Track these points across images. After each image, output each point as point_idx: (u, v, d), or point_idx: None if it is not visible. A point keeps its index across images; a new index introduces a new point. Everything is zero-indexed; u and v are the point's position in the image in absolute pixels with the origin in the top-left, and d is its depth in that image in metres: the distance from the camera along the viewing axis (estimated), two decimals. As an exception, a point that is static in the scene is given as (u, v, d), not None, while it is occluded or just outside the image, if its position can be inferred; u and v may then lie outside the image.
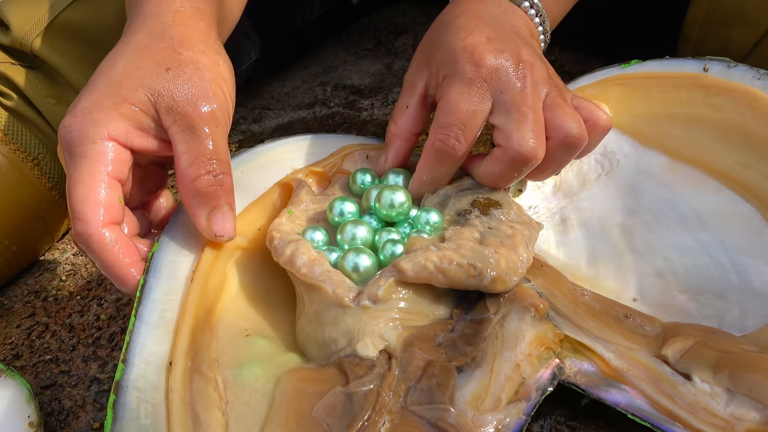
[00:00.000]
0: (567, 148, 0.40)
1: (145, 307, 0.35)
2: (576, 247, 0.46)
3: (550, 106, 0.40)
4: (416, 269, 0.35)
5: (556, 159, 0.41)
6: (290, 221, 0.41)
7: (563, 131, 0.39)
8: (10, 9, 0.55)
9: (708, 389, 0.32)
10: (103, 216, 0.35)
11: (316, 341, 0.36)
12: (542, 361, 0.34)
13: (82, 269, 0.58)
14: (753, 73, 0.44)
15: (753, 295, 0.40)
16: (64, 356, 0.49)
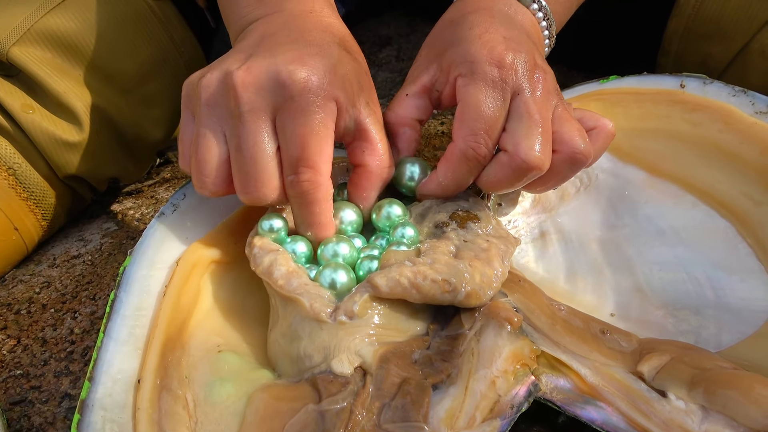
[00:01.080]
0: (573, 164, 0.39)
1: (115, 323, 0.34)
2: (555, 262, 0.46)
3: (558, 118, 0.39)
4: (390, 285, 0.34)
5: (560, 173, 0.40)
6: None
7: (572, 147, 0.39)
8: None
9: (683, 406, 0.32)
10: (329, 170, 0.38)
11: (290, 356, 0.36)
12: (518, 378, 0.34)
13: (56, 281, 0.57)
14: (728, 90, 0.44)
15: (728, 311, 0.40)
16: (36, 371, 0.48)
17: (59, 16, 0.55)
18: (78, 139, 0.56)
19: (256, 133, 0.37)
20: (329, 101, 0.37)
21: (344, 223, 0.41)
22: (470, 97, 0.39)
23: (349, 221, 0.41)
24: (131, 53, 0.58)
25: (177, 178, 0.72)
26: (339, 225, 0.41)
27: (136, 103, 0.60)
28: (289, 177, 0.37)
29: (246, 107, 0.37)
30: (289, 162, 0.37)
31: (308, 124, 0.37)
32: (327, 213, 0.39)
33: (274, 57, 0.38)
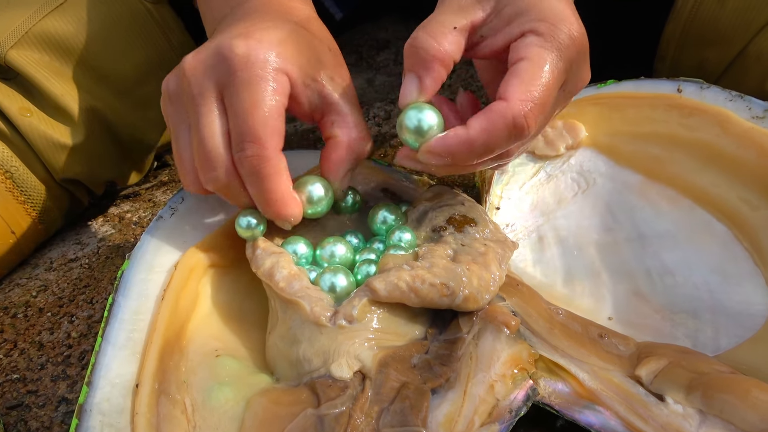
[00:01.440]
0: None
1: (113, 327, 0.34)
2: (552, 266, 0.46)
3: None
4: (389, 288, 0.34)
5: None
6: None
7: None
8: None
9: (681, 410, 0.32)
10: (278, 139, 0.36)
11: (289, 359, 0.36)
12: (516, 382, 0.34)
13: (53, 285, 0.57)
14: (725, 94, 0.44)
15: (725, 315, 0.40)
16: (32, 375, 0.48)
17: (57, 19, 0.55)
18: (75, 142, 0.56)
19: (206, 114, 0.36)
20: (278, 74, 0.36)
21: (313, 200, 0.39)
22: (542, 61, 0.34)
23: (317, 197, 0.39)
24: (129, 56, 0.58)
25: (175, 181, 0.72)
26: (306, 202, 0.39)
27: (133, 105, 0.60)
28: (236, 154, 0.36)
29: (195, 90, 0.37)
30: (235, 139, 0.36)
31: (251, 98, 0.35)
32: (280, 188, 0.36)
33: (221, 36, 0.37)
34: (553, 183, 0.49)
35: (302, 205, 0.38)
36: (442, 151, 0.35)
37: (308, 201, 0.39)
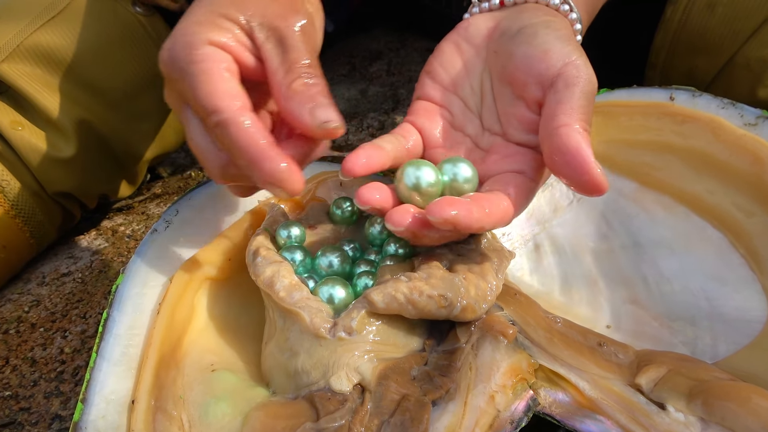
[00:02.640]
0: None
1: (107, 342, 0.34)
2: (549, 274, 0.46)
3: None
4: (386, 300, 0.34)
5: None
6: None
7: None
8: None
9: (682, 419, 0.32)
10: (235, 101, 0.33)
11: (286, 370, 0.35)
12: (517, 393, 0.34)
13: (45, 300, 0.56)
14: (717, 102, 0.45)
15: (723, 322, 0.40)
16: (25, 392, 0.47)
17: (49, 33, 0.55)
18: (67, 156, 0.56)
19: (183, 120, 0.36)
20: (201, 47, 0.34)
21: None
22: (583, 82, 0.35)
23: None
24: (121, 68, 0.58)
25: (168, 193, 0.72)
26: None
27: (126, 118, 0.60)
28: (210, 135, 0.35)
29: (174, 102, 0.37)
30: (204, 122, 0.35)
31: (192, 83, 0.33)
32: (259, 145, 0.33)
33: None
34: (549, 191, 0.49)
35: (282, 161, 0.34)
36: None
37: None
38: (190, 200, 0.44)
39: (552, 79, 0.35)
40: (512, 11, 0.40)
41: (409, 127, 0.40)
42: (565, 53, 0.35)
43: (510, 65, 0.37)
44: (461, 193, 0.36)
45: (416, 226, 0.33)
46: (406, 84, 0.88)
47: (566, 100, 0.34)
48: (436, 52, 0.42)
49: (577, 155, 0.32)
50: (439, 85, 0.41)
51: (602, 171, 0.32)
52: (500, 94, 0.39)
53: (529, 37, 0.37)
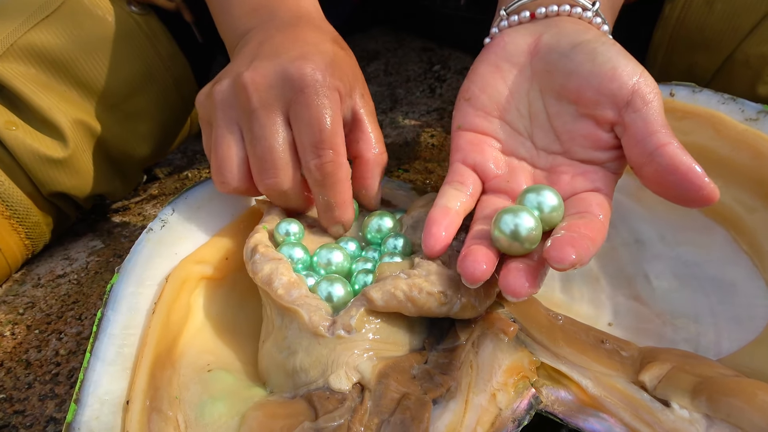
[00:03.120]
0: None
1: (102, 342, 0.33)
2: (551, 273, 0.45)
3: None
4: (385, 298, 0.33)
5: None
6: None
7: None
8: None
9: (687, 415, 0.32)
10: (346, 152, 0.40)
11: (284, 369, 0.35)
12: (518, 391, 0.33)
13: (41, 302, 0.55)
14: (717, 97, 0.44)
15: (726, 318, 0.39)
16: (19, 395, 0.46)
17: (43, 32, 0.54)
18: (63, 156, 0.55)
19: (271, 125, 0.39)
20: (333, 91, 0.39)
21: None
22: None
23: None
24: (117, 68, 0.58)
25: (164, 194, 0.71)
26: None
27: (122, 119, 0.60)
28: (312, 161, 0.39)
29: (258, 104, 0.39)
30: (309, 147, 0.39)
31: (322, 110, 0.38)
32: (349, 192, 0.41)
33: (278, 57, 0.39)
34: (549, 189, 0.48)
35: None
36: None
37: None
38: (187, 199, 0.44)
39: (627, 97, 0.35)
40: (547, 24, 0.39)
41: (461, 168, 0.39)
42: (633, 70, 0.35)
43: (572, 84, 0.37)
44: (551, 224, 0.34)
45: (534, 284, 0.32)
46: (404, 84, 0.88)
47: (652, 118, 0.34)
48: (473, 75, 0.41)
49: (691, 172, 0.33)
50: (482, 111, 0.40)
51: (712, 182, 0.33)
52: (559, 113, 0.38)
53: (590, 54, 0.36)
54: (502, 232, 0.33)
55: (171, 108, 0.64)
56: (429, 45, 0.95)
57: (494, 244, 0.34)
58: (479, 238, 0.35)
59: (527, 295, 0.31)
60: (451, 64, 0.90)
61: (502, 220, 0.33)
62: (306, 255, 0.39)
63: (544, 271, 0.33)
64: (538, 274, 0.32)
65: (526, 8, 0.40)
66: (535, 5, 0.40)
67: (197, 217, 0.43)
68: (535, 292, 0.32)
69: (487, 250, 0.33)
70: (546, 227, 0.34)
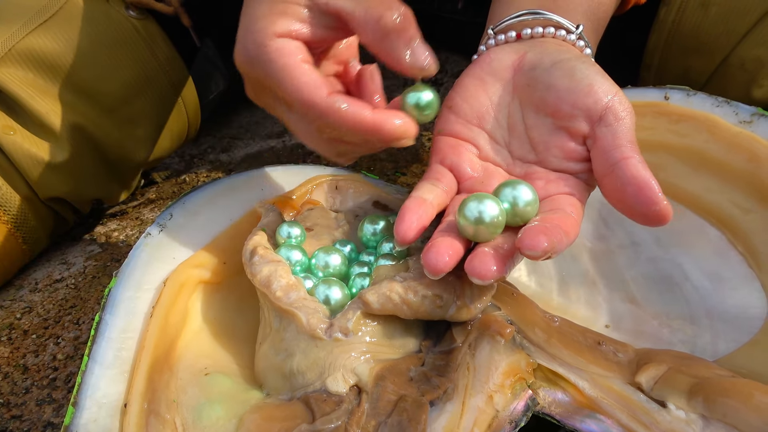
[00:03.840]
0: None
1: (100, 345, 0.33)
2: (547, 275, 0.45)
3: None
4: (381, 301, 0.34)
5: None
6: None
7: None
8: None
9: (683, 416, 0.32)
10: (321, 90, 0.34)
11: (281, 371, 0.35)
12: (515, 393, 0.33)
13: (38, 306, 0.55)
14: (712, 100, 0.45)
15: (723, 319, 0.40)
16: (17, 400, 0.46)
17: (41, 37, 0.54)
18: (60, 160, 0.55)
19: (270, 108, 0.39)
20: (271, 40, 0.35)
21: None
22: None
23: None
24: (114, 73, 0.58)
25: (162, 198, 0.71)
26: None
27: (119, 122, 0.60)
28: (309, 126, 0.36)
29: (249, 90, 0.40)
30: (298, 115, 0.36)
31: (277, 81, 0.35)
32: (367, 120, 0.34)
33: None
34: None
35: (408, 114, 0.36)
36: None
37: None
38: (185, 204, 0.44)
39: (601, 112, 0.36)
40: (532, 44, 0.41)
41: (439, 167, 0.40)
42: (608, 88, 0.37)
43: (550, 98, 0.38)
44: (525, 217, 0.35)
45: (502, 269, 0.32)
46: (401, 87, 0.88)
47: (621, 133, 0.35)
48: (458, 87, 0.42)
49: (647, 187, 0.33)
50: (463, 119, 0.41)
51: (668, 202, 0.33)
52: (536, 125, 0.39)
53: (569, 71, 0.38)
54: (467, 218, 0.33)
55: (169, 112, 0.64)
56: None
57: (460, 232, 0.34)
58: (447, 230, 0.35)
59: (493, 279, 0.32)
60: (448, 67, 0.91)
61: (467, 207, 0.34)
62: (304, 257, 0.39)
63: (513, 260, 0.33)
64: (507, 261, 0.33)
65: (512, 29, 0.42)
66: (522, 26, 0.42)
67: (195, 222, 0.43)
68: (502, 278, 0.33)
69: (453, 241, 0.34)
70: (520, 221, 0.35)
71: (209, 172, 0.75)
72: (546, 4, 0.42)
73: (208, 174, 0.74)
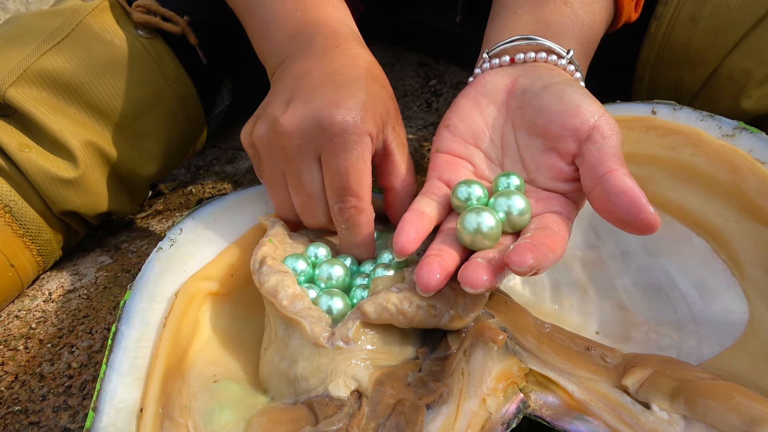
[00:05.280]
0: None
1: (116, 354, 0.35)
2: (541, 283, 0.47)
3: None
4: (378, 311, 0.36)
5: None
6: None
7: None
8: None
9: (666, 417, 0.34)
10: (369, 193, 0.42)
11: (286, 376, 0.37)
12: (507, 396, 0.35)
13: (52, 316, 0.58)
14: (697, 114, 0.46)
15: (707, 325, 0.41)
16: (34, 407, 0.48)
17: (55, 57, 0.57)
18: (73, 176, 0.57)
19: (307, 172, 0.42)
20: (364, 136, 0.41)
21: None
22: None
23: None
24: (125, 91, 0.60)
25: (170, 209, 0.73)
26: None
27: (130, 138, 0.62)
28: (336, 205, 0.42)
29: (295, 151, 0.42)
30: (335, 192, 0.41)
31: (348, 159, 0.40)
32: (370, 234, 0.43)
33: (311, 102, 0.41)
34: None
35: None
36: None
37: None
38: (194, 219, 0.46)
39: (588, 132, 0.38)
40: (524, 68, 0.44)
41: (437, 183, 0.43)
42: (595, 110, 0.39)
43: (540, 120, 0.41)
44: (517, 226, 0.38)
45: (492, 279, 0.34)
46: (401, 98, 0.90)
47: (608, 150, 0.38)
48: (455, 107, 0.45)
49: (634, 196, 0.35)
50: (459, 138, 0.44)
51: (656, 211, 0.35)
52: (528, 146, 0.42)
53: (558, 94, 0.40)
54: (466, 229, 0.37)
55: (177, 127, 0.66)
56: (425, 59, 0.97)
57: (460, 240, 0.37)
58: (441, 245, 0.38)
59: (484, 288, 0.34)
60: (447, 78, 0.93)
61: (466, 219, 0.37)
62: (309, 267, 0.42)
63: (504, 271, 0.35)
64: (498, 272, 0.35)
65: (506, 53, 0.45)
66: (515, 51, 0.44)
67: (204, 236, 0.45)
68: (493, 287, 0.35)
69: (445, 258, 0.36)
70: (512, 230, 0.38)
71: (215, 183, 0.77)
72: (539, 29, 0.44)
73: (213, 185, 0.76)
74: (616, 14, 0.50)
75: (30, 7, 1.16)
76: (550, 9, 0.46)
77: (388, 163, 0.45)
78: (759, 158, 0.43)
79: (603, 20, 0.48)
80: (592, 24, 0.47)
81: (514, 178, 0.40)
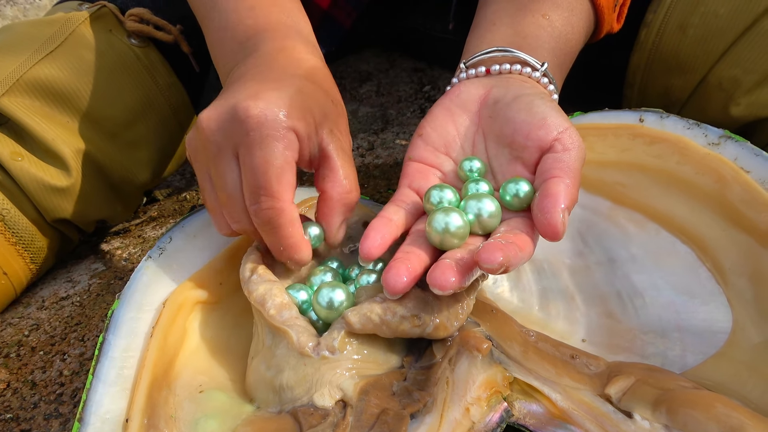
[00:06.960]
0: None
1: (103, 365, 0.36)
2: (528, 291, 0.48)
3: None
4: (362, 321, 0.36)
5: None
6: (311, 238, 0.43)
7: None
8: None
9: (647, 426, 0.34)
10: (291, 193, 0.39)
11: (272, 385, 0.37)
12: (491, 405, 0.36)
13: (45, 324, 0.58)
14: (683, 123, 0.47)
15: (692, 333, 0.42)
16: (26, 414, 0.49)
17: (48, 66, 0.57)
18: (66, 184, 0.58)
19: (225, 171, 0.39)
20: (287, 132, 0.38)
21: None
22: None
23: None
24: (118, 99, 0.61)
25: (164, 216, 0.74)
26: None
27: (122, 146, 0.62)
28: (252, 206, 0.39)
29: (214, 149, 0.40)
30: (250, 192, 0.39)
31: (264, 156, 0.38)
32: (294, 235, 0.40)
33: (234, 95, 0.39)
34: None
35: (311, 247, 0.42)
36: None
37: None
38: (183, 228, 0.46)
39: (550, 143, 0.39)
40: (499, 80, 0.44)
41: (406, 191, 0.43)
42: (561, 122, 0.40)
43: (508, 129, 0.41)
44: (487, 228, 0.39)
45: (461, 280, 0.34)
46: (395, 104, 0.90)
47: (564, 161, 0.38)
48: (429, 116, 0.45)
49: (551, 197, 0.36)
50: (431, 147, 0.44)
51: (564, 221, 0.35)
52: (496, 155, 0.43)
53: (527, 105, 0.41)
54: (434, 229, 0.37)
55: (169, 135, 0.67)
56: (419, 65, 0.98)
57: (429, 240, 0.38)
58: (411, 245, 0.38)
59: (453, 289, 0.34)
60: (441, 84, 0.93)
61: (435, 219, 0.37)
62: (309, 297, 0.41)
63: (472, 272, 0.36)
64: (467, 273, 0.35)
65: (482, 64, 0.45)
66: (491, 62, 0.45)
67: (193, 245, 0.45)
68: (461, 288, 0.35)
69: (413, 262, 0.36)
70: (482, 232, 0.39)
71: (209, 191, 0.77)
72: (516, 41, 0.45)
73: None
74: (597, 26, 0.51)
75: (27, 14, 1.17)
76: (528, 21, 0.46)
77: (323, 167, 0.42)
78: (744, 167, 0.43)
79: (582, 32, 0.49)
80: (570, 36, 0.48)
81: (483, 184, 0.40)
